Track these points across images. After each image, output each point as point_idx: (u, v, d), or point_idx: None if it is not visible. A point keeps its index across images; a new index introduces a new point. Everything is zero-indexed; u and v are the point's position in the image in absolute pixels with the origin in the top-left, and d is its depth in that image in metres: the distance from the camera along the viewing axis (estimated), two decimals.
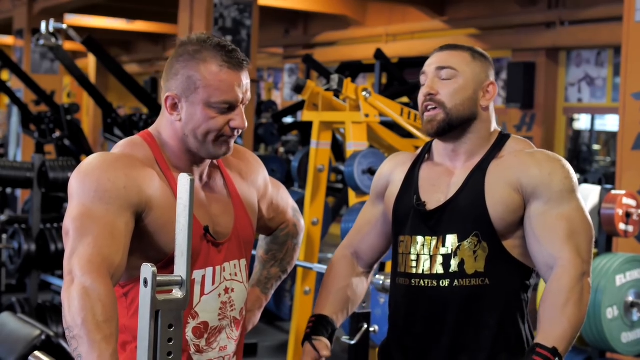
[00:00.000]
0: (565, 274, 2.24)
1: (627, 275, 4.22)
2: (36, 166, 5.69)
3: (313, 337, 2.45)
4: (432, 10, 12.19)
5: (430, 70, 2.39)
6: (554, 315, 2.22)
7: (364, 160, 4.94)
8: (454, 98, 2.36)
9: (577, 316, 2.22)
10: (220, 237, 2.22)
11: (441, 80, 2.37)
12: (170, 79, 2.15)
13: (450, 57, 2.38)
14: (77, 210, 2.03)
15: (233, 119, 2.15)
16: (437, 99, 2.36)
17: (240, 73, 2.15)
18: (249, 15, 9.08)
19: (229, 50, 2.14)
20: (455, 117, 2.36)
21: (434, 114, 2.36)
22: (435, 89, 2.36)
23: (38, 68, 12.84)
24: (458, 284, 2.34)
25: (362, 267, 2.62)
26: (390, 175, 2.55)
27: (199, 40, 2.16)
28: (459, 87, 2.37)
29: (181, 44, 2.18)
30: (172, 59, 2.17)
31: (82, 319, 1.87)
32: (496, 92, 2.44)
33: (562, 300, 2.22)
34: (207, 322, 2.19)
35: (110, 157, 2.13)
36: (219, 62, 2.12)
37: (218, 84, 2.11)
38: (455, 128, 2.38)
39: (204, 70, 2.11)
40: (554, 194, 2.30)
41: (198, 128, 2.13)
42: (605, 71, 10.49)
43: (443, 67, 2.37)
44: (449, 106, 2.35)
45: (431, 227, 2.38)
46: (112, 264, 1.98)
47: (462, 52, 2.39)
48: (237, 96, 2.14)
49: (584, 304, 2.24)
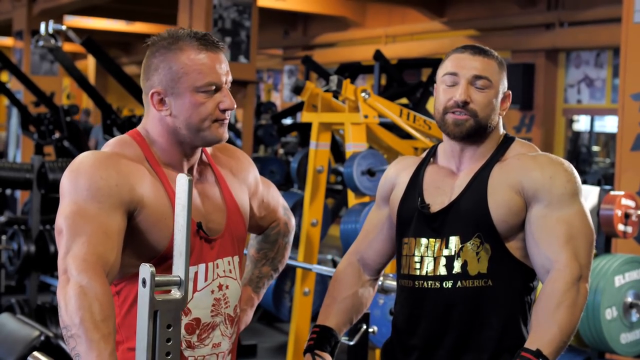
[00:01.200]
0: (560, 277, 2.23)
1: (626, 276, 4.22)
2: (35, 167, 5.69)
3: (316, 351, 2.45)
4: (431, 11, 12.21)
5: (467, 76, 2.36)
6: (544, 318, 2.21)
7: (363, 161, 4.94)
8: (487, 109, 2.36)
9: (568, 320, 2.20)
10: (213, 233, 2.22)
11: (476, 89, 2.36)
12: (151, 76, 2.16)
13: (486, 66, 2.37)
14: (69, 209, 2.03)
15: (221, 100, 2.16)
16: (470, 108, 2.35)
17: (218, 54, 2.17)
18: (248, 17, 9.09)
19: (202, 35, 2.16)
20: (483, 125, 2.37)
21: (463, 119, 2.35)
22: (471, 97, 2.35)
23: (37, 69, 12.84)
24: (461, 285, 2.34)
25: (368, 274, 2.62)
26: (396, 179, 2.55)
27: (169, 34, 2.17)
28: (492, 98, 2.37)
29: (152, 42, 2.19)
30: (148, 57, 2.18)
31: (80, 318, 1.87)
32: (510, 102, 2.46)
33: (554, 303, 2.21)
34: (199, 318, 2.19)
35: (101, 155, 2.13)
36: (195, 47, 2.13)
37: (200, 67, 2.12)
38: (478, 135, 2.39)
39: (183, 58, 2.12)
40: (555, 197, 2.30)
41: (190, 117, 2.14)
42: (605, 72, 10.50)
43: (480, 77, 2.36)
44: (481, 115, 2.35)
45: (435, 229, 2.38)
46: (107, 262, 1.99)
47: (493, 61, 2.39)
48: (220, 77, 2.15)
49: (577, 308, 2.22)
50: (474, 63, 2.37)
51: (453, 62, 2.39)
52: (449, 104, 2.37)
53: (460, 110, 2.35)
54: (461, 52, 2.40)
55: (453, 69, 2.38)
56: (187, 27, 8.93)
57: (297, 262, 4.95)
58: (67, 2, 12.26)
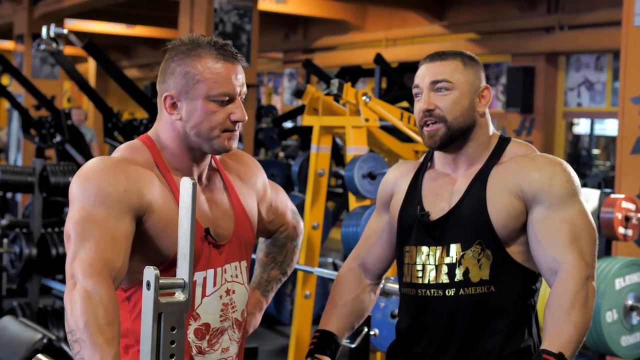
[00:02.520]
0: (570, 278, 2.23)
1: (627, 279, 4.23)
2: (37, 171, 5.71)
3: (316, 355, 2.46)
4: (432, 15, 12.21)
5: (425, 84, 2.36)
6: (559, 320, 2.21)
7: (364, 165, 4.95)
8: (453, 110, 2.34)
9: (582, 320, 2.21)
10: (221, 238, 2.23)
11: (437, 93, 2.35)
12: (167, 79, 2.17)
13: (442, 68, 2.35)
14: (78, 214, 2.04)
15: (233, 112, 2.17)
16: (436, 114, 2.35)
17: (235, 65, 2.18)
18: (249, 20, 9.10)
19: (221, 45, 2.18)
20: (456, 129, 2.35)
21: (435, 129, 2.35)
22: (433, 104, 2.34)
23: (38, 73, 12.86)
24: (464, 293, 2.34)
25: (369, 279, 2.62)
26: (395, 185, 2.56)
27: (190, 39, 2.19)
28: (457, 99, 2.35)
29: (173, 46, 2.21)
30: (166, 61, 2.20)
31: (84, 322, 1.88)
32: (491, 95, 2.43)
33: (567, 304, 2.21)
34: (208, 323, 2.20)
35: (110, 160, 2.15)
36: (213, 56, 2.15)
37: (215, 76, 2.14)
38: (456, 139, 2.38)
39: (201, 65, 2.14)
40: (555, 198, 2.29)
41: (200, 124, 2.15)
42: (605, 75, 10.51)
43: (438, 81, 2.34)
44: (449, 119, 2.34)
45: (435, 237, 2.38)
46: (113, 267, 2.00)
47: (454, 61, 2.36)
48: (235, 88, 2.17)
49: (589, 307, 2.23)
50: (430, 69, 2.36)
51: (417, 74, 2.41)
52: (419, 117, 2.38)
53: (429, 119, 2.35)
54: (423, 62, 2.40)
55: (415, 81, 2.40)
56: (188, 31, 8.97)
57: (298, 265, 4.96)
58: (68, 5, 12.27)
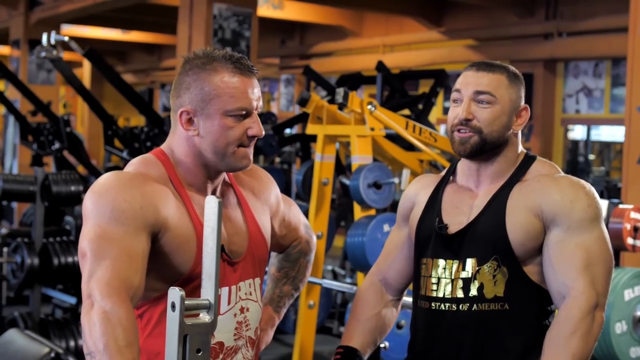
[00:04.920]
0: (576, 304, 2.19)
1: (636, 290, 4.20)
2: (39, 180, 5.67)
3: None
4: (429, 21, 12.20)
5: (467, 92, 2.34)
6: (557, 346, 2.18)
7: (370, 174, 4.92)
8: (491, 125, 2.32)
9: (582, 350, 2.16)
10: (235, 256, 2.20)
11: (479, 105, 2.32)
12: (182, 94, 2.13)
13: (488, 81, 2.33)
14: (93, 232, 2.00)
15: (250, 126, 2.14)
16: (473, 124, 2.32)
17: (252, 79, 2.15)
18: (248, 27, 9.08)
19: (237, 58, 2.14)
20: (489, 142, 2.33)
21: (468, 136, 2.32)
22: (472, 114, 2.32)
23: (34, 79, 12.81)
24: (477, 309, 2.31)
25: (390, 294, 2.59)
26: (416, 197, 2.53)
27: (205, 53, 2.15)
28: (497, 114, 2.32)
29: (187, 59, 2.17)
30: (181, 75, 2.15)
31: (104, 345, 1.85)
32: (528, 116, 2.41)
33: (568, 331, 2.17)
34: (222, 342, 2.17)
35: (125, 176, 2.11)
36: (230, 70, 2.11)
37: (232, 91, 2.10)
38: (487, 152, 2.35)
39: (217, 80, 2.10)
40: (574, 222, 2.25)
41: (217, 140, 2.11)
42: (603, 82, 10.51)
43: (482, 92, 2.32)
44: (485, 132, 2.31)
45: (453, 250, 2.35)
46: (131, 286, 1.96)
47: (500, 75, 2.34)
48: (252, 102, 2.13)
49: (592, 337, 2.18)
50: (477, 79, 2.34)
51: (459, 80, 2.38)
52: (454, 122, 2.35)
53: (464, 127, 2.32)
54: (469, 69, 2.38)
55: (458, 86, 2.37)
56: (187, 37, 8.94)
57: None
58: (65, 11, 12.24)
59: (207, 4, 8.92)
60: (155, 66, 19.25)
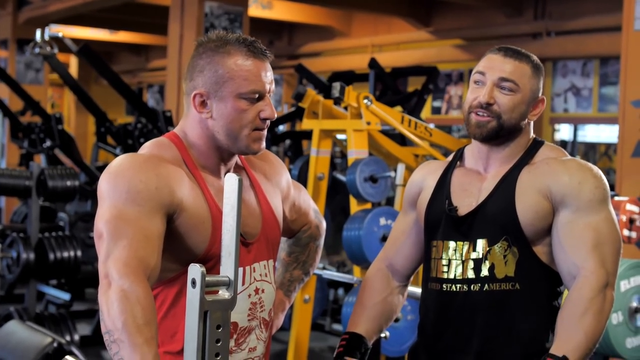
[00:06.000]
0: (587, 284, 2.22)
1: (632, 281, 4.23)
2: (35, 174, 5.65)
3: (346, 357, 2.44)
4: (418, 21, 12.24)
5: (492, 77, 2.35)
6: (570, 325, 2.20)
7: (366, 168, 4.94)
8: (511, 112, 2.35)
9: (594, 327, 2.19)
10: (249, 237, 2.22)
11: (501, 91, 2.35)
12: (196, 77, 2.15)
13: (515, 69, 2.34)
14: (109, 213, 2.01)
15: (263, 109, 2.15)
16: (493, 109, 2.34)
17: (265, 62, 2.16)
18: (240, 25, 9.09)
19: (250, 42, 2.16)
20: (506, 128, 2.36)
21: (486, 121, 2.35)
22: (494, 99, 2.34)
23: (23, 78, 12.76)
24: (488, 288, 2.33)
25: (397, 280, 2.61)
26: (423, 182, 2.55)
27: (218, 36, 2.16)
28: (518, 102, 2.35)
29: (200, 43, 2.18)
30: (195, 58, 2.17)
31: (123, 323, 1.85)
32: (544, 108, 2.44)
33: (580, 310, 2.20)
34: (236, 322, 2.18)
35: (140, 157, 2.12)
36: (243, 53, 2.13)
37: (246, 74, 2.12)
38: (501, 137, 2.38)
39: (230, 62, 2.12)
40: (583, 203, 2.29)
41: (230, 122, 2.13)
42: (591, 81, 10.58)
43: (507, 80, 2.34)
44: (505, 118, 2.34)
45: (463, 232, 2.38)
46: (148, 265, 1.97)
47: (525, 65, 2.36)
48: (265, 85, 2.15)
49: (603, 315, 2.21)
50: (503, 65, 2.35)
51: (484, 62, 2.40)
52: (473, 104, 2.37)
53: (483, 111, 2.34)
54: (495, 52, 2.39)
55: (482, 68, 2.38)
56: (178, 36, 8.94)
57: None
58: (53, 10, 12.21)
59: (199, 2, 8.93)
60: (142, 67, 19.22)
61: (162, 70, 15.62)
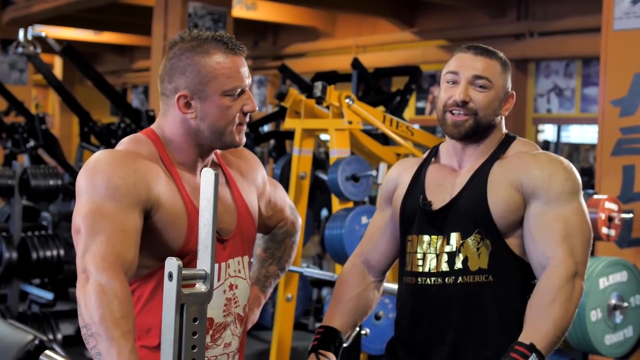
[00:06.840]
0: (556, 273, 2.26)
1: (610, 279, 4.27)
2: (17, 173, 5.65)
3: (320, 350, 2.47)
4: (402, 21, 12.28)
5: (466, 76, 2.40)
6: (538, 313, 2.24)
7: (348, 167, 4.96)
8: (486, 109, 2.39)
9: (562, 316, 2.23)
10: (225, 233, 2.24)
11: (475, 88, 2.39)
12: (177, 79, 2.16)
13: (487, 67, 2.39)
14: (87, 208, 2.03)
15: (245, 103, 2.19)
16: (470, 107, 2.39)
17: (241, 57, 2.20)
18: (223, 25, 9.10)
19: (227, 38, 2.18)
20: (482, 125, 2.41)
21: (463, 120, 2.39)
22: (469, 97, 2.39)
23: (7, 78, 12.73)
24: (462, 281, 2.37)
25: (373, 275, 2.64)
26: (398, 179, 2.59)
27: (193, 36, 2.18)
28: (492, 99, 2.40)
29: (174, 43, 2.19)
30: (172, 60, 2.17)
31: (100, 317, 1.87)
32: (514, 102, 2.49)
33: (548, 299, 2.24)
34: (212, 318, 2.20)
35: (118, 153, 2.14)
36: (222, 50, 2.15)
37: (227, 71, 2.14)
38: (478, 134, 2.43)
39: (211, 62, 2.14)
40: (553, 195, 2.33)
41: (217, 120, 2.16)
42: (574, 82, 10.64)
43: (480, 77, 2.39)
44: (480, 115, 2.39)
45: (437, 226, 2.42)
46: (125, 260, 1.99)
47: (495, 62, 2.41)
48: (245, 80, 2.18)
49: (572, 304, 2.25)
50: (475, 63, 2.39)
51: (456, 61, 2.43)
52: (448, 102, 2.40)
53: (459, 109, 2.39)
54: (465, 51, 2.43)
55: (455, 67, 2.42)
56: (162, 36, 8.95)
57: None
58: (37, 10, 12.19)
59: (182, 2, 8.95)
60: (127, 68, 19.19)
61: (146, 71, 15.61)
